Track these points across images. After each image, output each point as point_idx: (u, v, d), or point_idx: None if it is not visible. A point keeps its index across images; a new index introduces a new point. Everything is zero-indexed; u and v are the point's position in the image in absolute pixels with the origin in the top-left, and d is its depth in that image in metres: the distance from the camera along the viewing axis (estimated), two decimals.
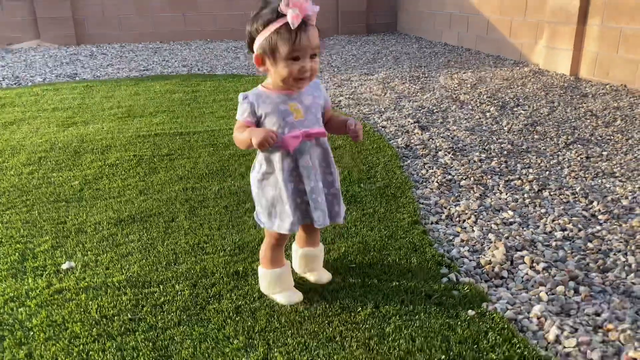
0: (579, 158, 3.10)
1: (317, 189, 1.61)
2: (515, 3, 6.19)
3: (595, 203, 2.50)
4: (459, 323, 1.62)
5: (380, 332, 1.58)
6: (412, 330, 1.59)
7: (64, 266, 1.96)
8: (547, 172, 2.89)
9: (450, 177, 2.82)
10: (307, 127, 1.59)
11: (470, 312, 1.67)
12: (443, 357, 1.48)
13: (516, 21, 6.22)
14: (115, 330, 1.61)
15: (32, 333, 1.60)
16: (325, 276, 1.86)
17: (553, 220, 2.32)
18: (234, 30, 8.67)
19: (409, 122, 3.81)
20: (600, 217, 2.37)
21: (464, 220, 2.34)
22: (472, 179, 2.78)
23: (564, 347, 1.53)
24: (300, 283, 1.83)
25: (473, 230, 2.24)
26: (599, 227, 2.26)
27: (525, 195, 2.59)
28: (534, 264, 1.95)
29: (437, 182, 2.74)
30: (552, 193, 2.62)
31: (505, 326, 1.60)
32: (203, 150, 3.22)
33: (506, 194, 2.60)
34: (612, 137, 3.45)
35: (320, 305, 1.71)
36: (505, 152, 3.19)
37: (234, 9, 8.65)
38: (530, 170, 2.90)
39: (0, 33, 8.06)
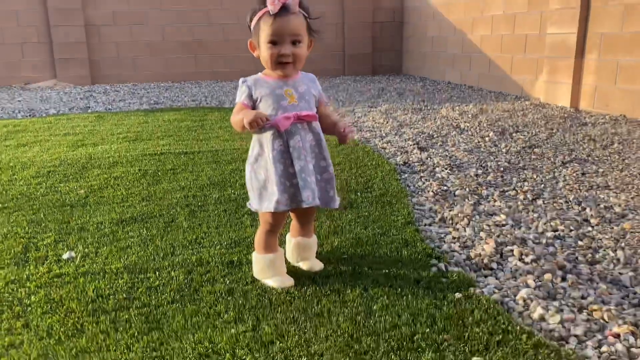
0: (574, 174, 3.14)
1: (306, 169, 1.68)
2: (514, 40, 6.37)
3: (588, 210, 2.53)
4: (446, 303, 1.65)
5: (368, 309, 1.62)
6: (398, 308, 1.62)
7: (65, 256, 2.02)
8: (542, 185, 2.93)
9: (445, 188, 2.88)
10: (300, 111, 1.68)
11: (457, 295, 1.70)
12: (428, 330, 1.51)
13: (516, 58, 6.39)
14: (110, 306, 1.66)
15: (30, 308, 1.65)
16: (317, 265, 1.91)
17: (545, 223, 2.36)
18: (243, 71, 8.91)
19: (408, 144, 3.90)
20: (592, 220, 2.40)
21: (457, 223, 2.38)
22: (467, 189, 2.84)
23: (548, 324, 1.55)
24: (293, 271, 1.88)
25: (465, 230, 2.28)
26: (590, 229, 2.30)
27: (519, 203, 2.63)
28: (523, 257, 1.99)
29: (432, 192, 2.80)
30: (545, 202, 2.66)
31: (491, 306, 1.62)
32: (206, 166, 3.31)
33: (500, 202, 2.65)
34: (608, 158, 3.51)
35: (310, 287, 1.75)
36: (502, 169, 3.25)
37: (243, 51, 8.93)
38: (526, 184, 2.96)
39: (19, 73, 8.39)
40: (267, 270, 1.80)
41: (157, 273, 1.88)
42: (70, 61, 8.45)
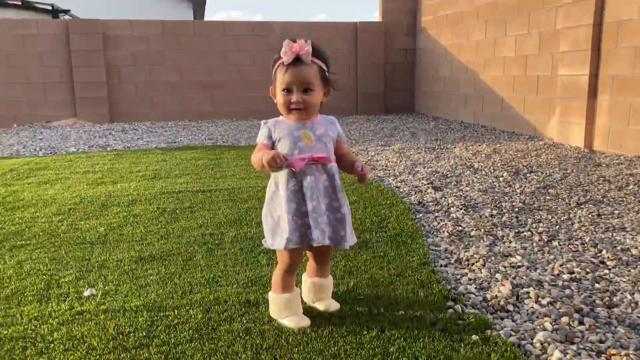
0: (590, 215, 3.15)
1: (318, 210, 1.74)
2: (526, 81, 6.46)
3: (604, 252, 2.53)
4: (462, 346, 1.65)
5: (384, 351, 1.62)
6: (415, 350, 1.63)
7: (86, 293, 2.06)
8: (558, 227, 2.94)
9: (461, 228, 2.89)
10: (316, 152, 1.74)
11: (474, 337, 1.70)
12: None
13: (529, 98, 6.46)
14: (131, 344, 1.68)
15: (52, 345, 1.68)
16: (333, 305, 1.92)
17: (561, 265, 2.36)
18: (259, 110, 9.11)
19: (422, 183, 3.94)
20: (609, 263, 2.39)
21: (473, 264, 2.39)
22: (482, 230, 2.85)
23: None
24: (309, 310, 1.89)
25: (481, 272, 2.29)
26: (607, 271, 2.29)
27: (535, 244, 2.64)
28: (540, 299, 1.99)
29: (447, 232, 2.82)
30: (561, 243, 2.66)
31: (508, 349, 1.62)
32: (223, 204, 3.37)
33: (515, 243, 2.66)
34: (624, 199, 3.51)
35: (327, 328, 1.77)
36: (516, 210, 3.26)
37: (258, 91, 9.13)
38: (541, 225, 2.96)
39: (41, 112, 8.63)
40: (283, 310, 1.82)
41: (176, 311, 1.91)
42: (90, 100, 8.68)
